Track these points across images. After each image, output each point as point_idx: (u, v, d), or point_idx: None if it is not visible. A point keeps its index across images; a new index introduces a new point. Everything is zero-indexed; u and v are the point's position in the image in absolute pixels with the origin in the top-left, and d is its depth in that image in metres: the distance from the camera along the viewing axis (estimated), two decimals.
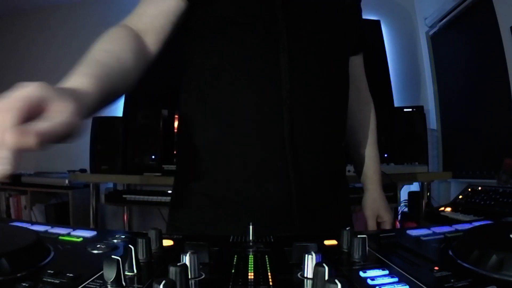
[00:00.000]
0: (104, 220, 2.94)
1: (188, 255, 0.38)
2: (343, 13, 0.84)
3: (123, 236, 0.54)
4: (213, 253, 0.46)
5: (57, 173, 2.76)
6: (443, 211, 1.52)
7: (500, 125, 2.06)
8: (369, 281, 0.37)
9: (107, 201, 2.36)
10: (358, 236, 0.45)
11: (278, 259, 0.45)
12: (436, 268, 0.40)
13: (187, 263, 0.36)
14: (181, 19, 0.76)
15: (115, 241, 0.52)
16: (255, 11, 0.74)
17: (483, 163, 2.18)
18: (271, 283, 0.37)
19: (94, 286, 0.35)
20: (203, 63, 0.78)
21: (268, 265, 0.43)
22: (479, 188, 1.54)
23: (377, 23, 2.71)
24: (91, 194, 2.28)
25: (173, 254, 0.46)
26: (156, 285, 0.29)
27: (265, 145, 0.73)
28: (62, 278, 0.37)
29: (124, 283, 0.35)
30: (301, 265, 0.39)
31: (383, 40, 2.68)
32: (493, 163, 1.89)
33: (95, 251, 0.47)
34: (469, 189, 1.58)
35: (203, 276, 0.39)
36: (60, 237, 0.53)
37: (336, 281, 0.30)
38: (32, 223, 0.60)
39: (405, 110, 2.22)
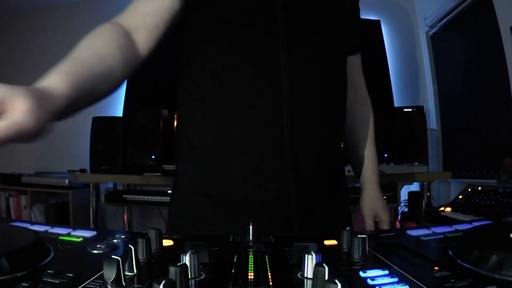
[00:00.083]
0: (104, 220, 2.94)
1: (188, 255, 0.38)
2: (343, 13, 0.84)
3: (123, 236, 0.54)
4: (213, 253, 0.46)
5: (57, 173, 2.76)
6: (443, 211, 1.52)
7: (500, 125, 2.06)
8: (369, 281, 0.37)
9: (107, 201, 2.36)
10: (358, 236, 0.45)
11: (278, 259, 0.45)
12: (436, 268, 0.40)
13: (187, 263, 0.36)
14: (177, 18, 0.75)
15: (115, 241, 0.52)
16: (255, 12, 0.74)
17: (483, 163, 2.18)
18: (271, 283, 0.37)
19: (94, 286, 0.35)
20: (203, 64, 0.78)
21: (268, 265, 0.43)
22: (479, 188, 1.54)
23: (377, 23, 2.71)
24: (91, 194, 2.28)
25: (173, 254, 0.46)
26: (156, 285, 0.29)
27: (265, 145, 0.73)
28: (62, 278, 0.37)
29: (124, 283, 0.35)
30: (301, 265, 0.39)
31: (383, 40, 2.68)
32: (493, 163, 1.89)
33: (95, 251, 0.47)
34: (469, 189, 1.58)
35: (203, 276, 0.39)
36: (60, 237, 0.53)
37: (336, 281, 0.30)
38: (32, 223, 0.60)
39: (405, 110, 2.22)
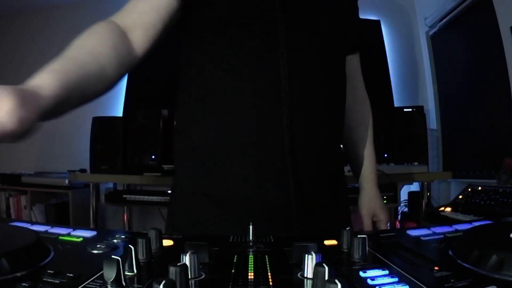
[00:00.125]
0: (104, 220, 2.94)
1: (188, 255, 0.38)
2: (342, 13, 0.84)
3: (123, 236, 0.54)
4: (213, 253, 0.46)
5: (57, 173, 2.76)
6: (443, 211, 1.52)
7: (500, 125, 2.06)
8: (369, 281, 0.37)
9: (107, 201, 2.36)
10: (358, 236, 0.45)
11: (278, 259, 0.45)
12: (436, 268, 0.40)
13: (187, 263, 0.36)
14: (175, 17, 0.75)
15: (115, 241, 0.52)
16: (254, 12, 0.74)
17: (483, 163, 2.18)
18: (271, 283, 0.37)
19: (94, 286, 0.35)
20: (202, 64, 0.78)
21: (268, 265, 0.43)
22: (479, 188, 1.54)
23: (377, 23, 2.70)
24: (91, 194, 2.28)
25: (173, 254, 0.46)
26: (156, 285, 0.29)
27: (265, 145, 0.73)
28: (62, 278, 0.37)
29: (124, 283, 0.35)
30: (301, 265, 0.39)
31: (383, 40, 2.68)
32: (493, 163, 1.89)
33: (95, 251, 0.47)
34: (469, 189, 1.58)
35: (203, 276, 0.39)
36: (60, 237, 0.53)
37: (336, 281, 0.30)
38: (32, 223, 0.60)
39: (405, 110, 2.22)
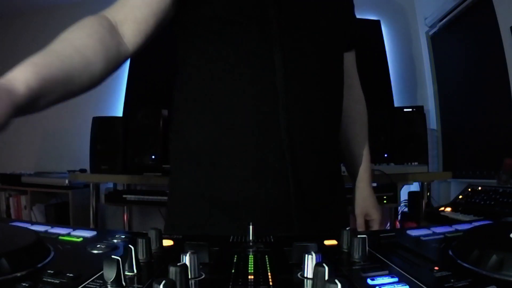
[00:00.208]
0: (104, 220, 2.94)
1: (188, 255, 0.38)
2: (337, 10, 0.83)
3: (123, 236, 0.54)
4: (213, 253, 0.46)
5: (57, 173, 2.76)
6: (443, 211, 1.52)
7: (500, 125, 2.06)
8: (369, 281, 0.37)
9: (107, 201, 2.36)
10: (358, 236, 0.45)
11: (278, 259, 0.45)
12: (436, 268, 0.40)
13: (187, 263, 0.36)
14: (168, 13, 0.74)
15: (115, 241, 0.52)
16: (248, 10, 0.73)
17: (483, 163, 2.18)
18: (271, 283, 0.37)
19: (94, 286, 0.35)
20: (198, 64, 0.77)
21: (268, 265, 0.43)
22: (479, 188, 1.54)
23: (377, 23, 2.71)
24: (91, 194, 2.28)
25: (173, 254, 0.46)
26: (156, 285, 0.29)
27: (263, 145, 0.72)
28: (62, 278, 0.37)
29: (124, 283, 0.35)
30: (301, 265, 0.39)
31: (383, 40, 2.68)
32: (493, 163, 1.89)
33: (95, 251, 0.47)
34: (469, 189, 1.59)
35: (203, 276, 0.39)
36: (60, 237, 0.53)
37: (336, 281, 0.30)
38: (32, 223, 0.60)
39: (405, 110, 2.22)
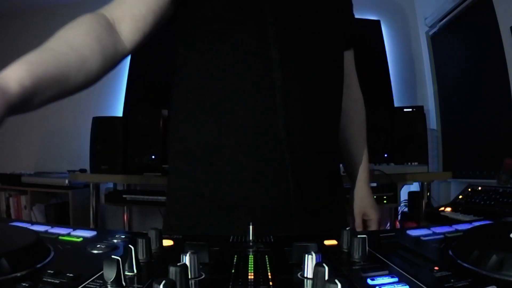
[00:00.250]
0: (104, 220, 2.94)
1: (188, 255, 0.38)
2: (336, 9, 0.82)
3: (123, 236, 0.54)
4: (213, 253, 0.46)
5: (57, 173, 2.76)
6: (443, 211, 1.52)
7: (500, 125, 2.06)
8: (369, 281, 0.37)
9: (107, 201, 2.36)
10: (358, 236, 0.45)
11: (278, 259, 0.45)
12: (436, 268, 0.40)
13: (187, 263, 0.36)
14: (167, 11, 0.73)
15: (115, 241, 0.52)
16: (247, 9, 0.72)
17: (483, 163, 2.18)
18: (271, 283, 0.37)
19: (94, 286, 0.35)
20: (197, 63, 0.76)
21: (268, 265, 0.43)
22: (479, 188, 1.54)
23: (377, 23, 2.71)
24: (91, 194, 2.28)
25: (173, 254, 0.46)
26: (156, 285, 0.29)
27: (262, 145, 0.72)
28: (62, 278, 0.37)
29: (124, 283, 0.35)
30: (301, 265, 0.39)
31: (383, 40, 2.68)
32: (493, 163, 1.89)
33: (95, 251, 0.47)
34: (469, 189, 1.58)
35: (203, 276, 0.39)
36: (60, 237, 0.53)
37: (336, 281, 0.30)
38: (32, 223, 0.60)
39: (405, 110, 2.22)
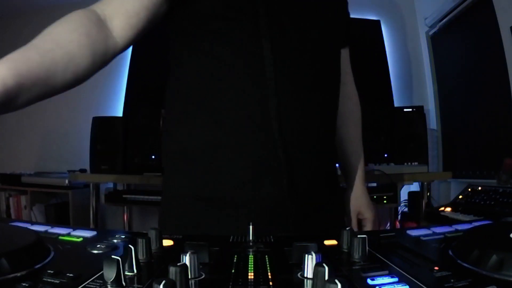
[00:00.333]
0: (104, 220, 2.94)
1: (188, 255, 0.38)
2: (330, 6, 0.81)
3: (123, 236, 0.54)
4: (213, 253, 0.46)
5: (57, 173, 2.76)
6: (443, 211, 1.52)
7: (500, 125, 2.06)
8: (369, 281, 0.37)
9: (107, 201, 2.36)
10: (358, 236, 0.45)
11: (278, 259, 0.45)
12: (436, 268, 0.40)
13: (187, 263, 0.36)
14: (161, 8, 0.72)
15: (115, 241, 0.51)
16: (239, 6, 0.71)
17: (483, 163, 2.18)
18: (271, 283, 0.37)
19: (94, 286, 0.35)
20: (190, 62, 0.76)
21: (268, 265, 0.43)
22: (479, 188, 1.54)
23: (377, 23, 2.71)
24: (91, 194, 2.28)
25: (173, 254, 0.46)
26: (156, 285, 0.29)
27: (257, 145, 0.71)
28: (62, 278, 0.37)
29: (124, 283, 0.35)
30: (301, 265, 0.39)
31: (383, 40, 2.68)
32: (493, 163, 1.89)
33: (95, 251, 0.47)
34: (469, 189, 1.59)
35: (203, 276, 0.39)
36: (60, 237, 0.53)
37: (336, 281, 0.30)
38: (32, 223, 0.60)
39: (405, 110, 2.22)
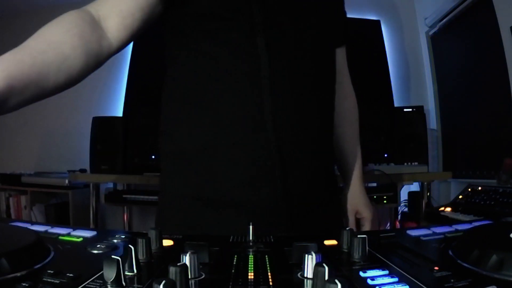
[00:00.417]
0: (104, 220, 2.94)
1: (188, 255, 0.38)
2: (326, 5, 0.81)
3: (123, 236, 0.54)
4: (213, 253, 0.46)
5: (57, 173, 2.76)
6: (443, 211, 1.52)
7: (500, 125, 2.06)
8: (369, 281, 0.37)
9: (107, 201, 2.36)
10: (358, 236, 0.45)
11: (278, 259, 0.45)
12: (436, 268, 0.40)
13: (187, 263, 0.36)
14: (156, 8, 0.72)
15: (115, 241, 0.51)
16: (236, 6, 0.71)
17: (483, 163, 2.18)
18: (271, 283, 0.37)
19: (94, 286, 0.35)
20: (186, 62, 0.75)
21: (268, 265, 0.43)
22: (479, 188, 1.54)
23: (377, 23, 2.71)
24: (91, 194, 2.28)
25: (173, 254, 0.46)
26: (156, 285, 0.29)
27: (253, 145, 0.70)
28: (62, 278, 0.37)
29: (124, 283, 0.35)
30: (301, 265, 0.39)
31: (383, 40, 2.68)
32: (493, 163, 1.89)
33: (95, 251, 0.47)
34: (469, 189, 1.59)
35: (203, 276, 0.39)
36: (60, 237, 0.53)
37: (336, 281, 0.30)
38: (32, 223, 0.60)
39: (405, 110, 2.22)
